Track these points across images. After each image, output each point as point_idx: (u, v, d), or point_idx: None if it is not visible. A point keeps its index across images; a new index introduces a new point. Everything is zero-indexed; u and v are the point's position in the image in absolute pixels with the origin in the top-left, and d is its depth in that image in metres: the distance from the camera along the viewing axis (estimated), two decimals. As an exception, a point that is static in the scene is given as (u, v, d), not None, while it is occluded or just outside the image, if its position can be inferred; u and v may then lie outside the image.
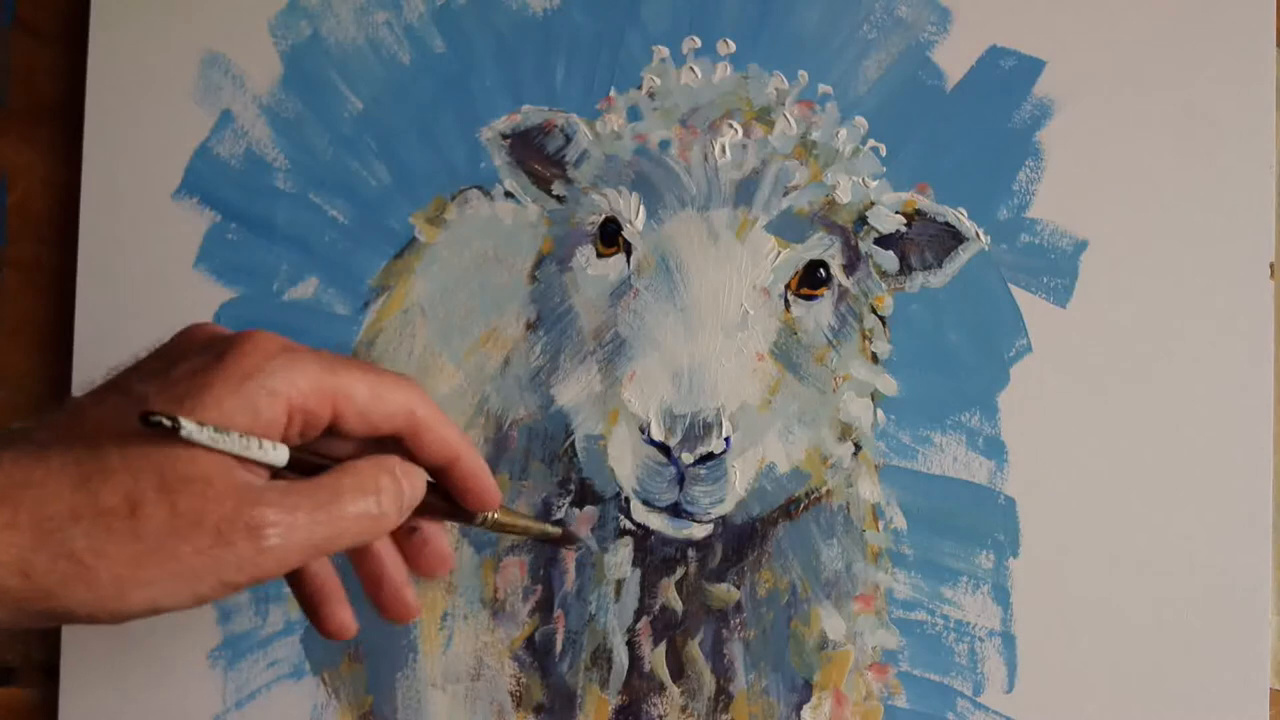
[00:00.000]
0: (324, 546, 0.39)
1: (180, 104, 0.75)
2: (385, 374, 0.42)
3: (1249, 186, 0.64)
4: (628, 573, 0.68)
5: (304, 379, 0.39)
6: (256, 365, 0.38)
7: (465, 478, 0.44)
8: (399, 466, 0.41)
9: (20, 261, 0.80)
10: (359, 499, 0.39)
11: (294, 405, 0.39)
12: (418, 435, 0.42)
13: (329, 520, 0.38)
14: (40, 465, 0.36)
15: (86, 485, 0.35)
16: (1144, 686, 0.63)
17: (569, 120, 0.70)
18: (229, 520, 0.36)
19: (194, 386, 0.37)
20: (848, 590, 0.67)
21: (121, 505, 0.35)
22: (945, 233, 0.67)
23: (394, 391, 0.41)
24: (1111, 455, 0.64)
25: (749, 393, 0.66)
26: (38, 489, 0.35)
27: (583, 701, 0.69)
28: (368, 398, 0.40)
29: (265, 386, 0.38)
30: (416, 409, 0.42)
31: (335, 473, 0.39)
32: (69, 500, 0.35)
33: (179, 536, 0.35)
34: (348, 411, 0.40)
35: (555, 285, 0.70)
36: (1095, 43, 0.66)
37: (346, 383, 0.40)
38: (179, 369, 0.39)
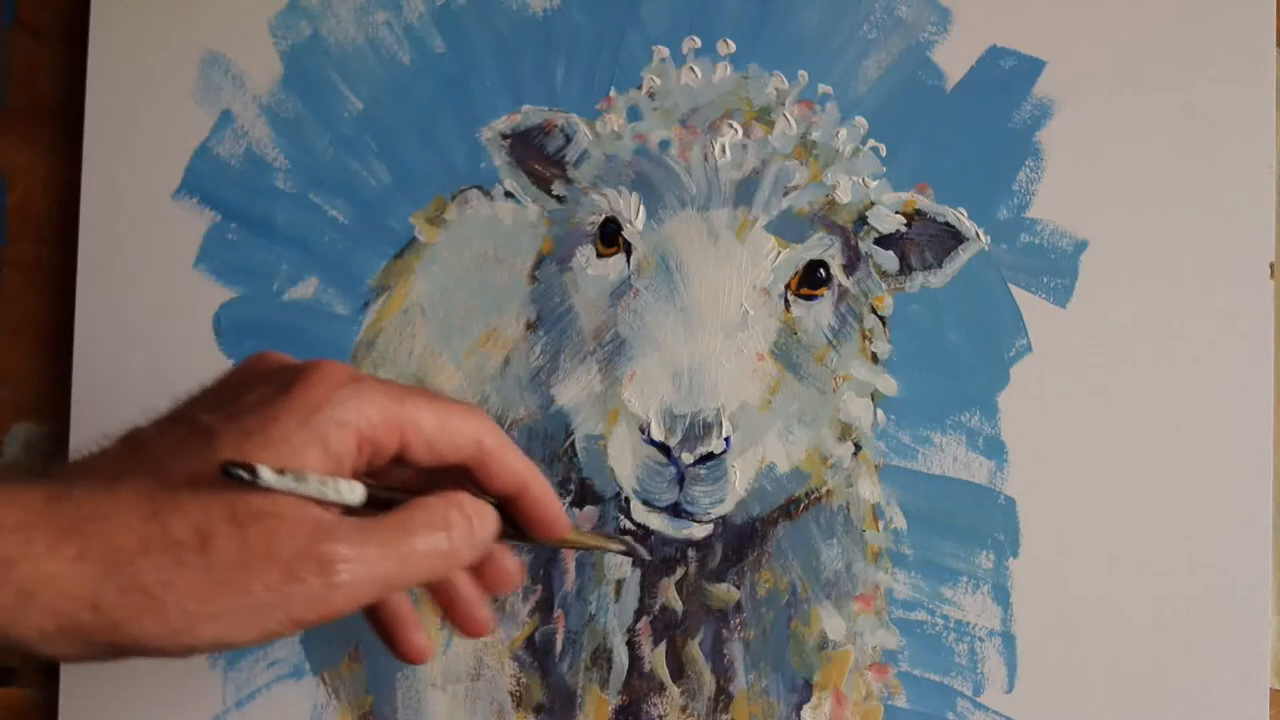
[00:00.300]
0: (395, 583, 0.38)
1: (180, 104, 0.75)
2: (452, 404, 0.42)
3: (1249, 186, 0.64)
4: (628, 573, 0.68)
5: (372, 409, 0.38)
6: (324, 396, 0.38)
7: (533, 507, 0.44)
8: (469, 504, 0.41)
9: (20, 261, 0.80)
10: (430, 535, 0.39)
11: (363, 436, 0.38)
12: (486, 466, 0.42)
13: (400, 556, 0.38)
14: (109, 497, 0.35)
15: (156, 517, 0.35)
16: (1144, 686, 0.63)
17: (569, 120, 0.70)
18: (300, 556, 0.35)
19: (262, 419, 0.37)
20: (848, 590, 0.67)
21: (192, 538, 0.35)
22: (945, 233, 0.67)
23: (461, 422, 0.41)
24: (1111, 455, 0.64)
25: (749, 393, 0.66)
26: (107, 521, 0.35)
27: (583, 701, 0.69)
28: (435, 428, 0.40)
29: (334, 418, 0.37)
30: (484, 439, 0.42)
31: (407, 508, 0.39)
32: (139, 532, 0.35)
33: (250, 571, 0.35)
34: (415, 442, 0.40)
35: (555, 285, 0.70)
36: (1095, 43, 0.66)
37: (414, 413, 0.40)
38: (245, 400, 0.38)
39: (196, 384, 0.76)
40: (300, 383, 0.38)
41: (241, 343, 0.74)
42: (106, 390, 0.75)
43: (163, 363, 0.75)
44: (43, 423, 0.79)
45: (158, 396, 0.75)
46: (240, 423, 0.37)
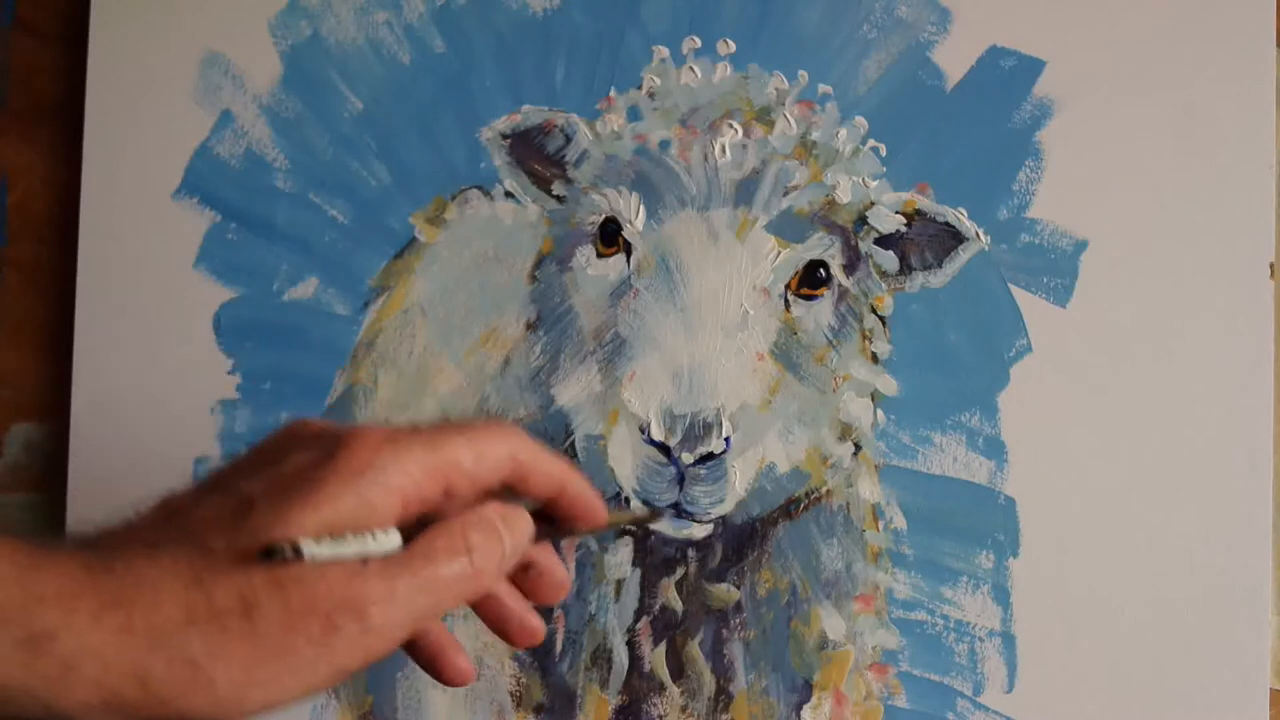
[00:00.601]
0: (428, 614, 0.38)
1: (180, 104, 0.75)
2: (481, 428, 0.42)
3: (1249, 186, 0.64)
4: (628, 573, 0.68)
5: (414, 466, 0.39)
6: (366, 461, 0.38)
7: (573, 504, 0.44)
8: (496, 515, 0.40)
9: (20, 261, 0.80)
10: (451, 560, 0.38)
11: (409, 495, 0.38)
12: (524, 478, 0.42)
13: (427, 587, 0.38)
14: (152, 565, 0.35)
15: (200, 586, 0.35)
16: (1144, 686, 0.63)
17: (569, 120, 0.70)
18: (337, 606, 0.35)
19: (304, 484, 0.37)
20: (848, 590, 0.67)
21: (236, 605, 0.35)
22: (945, 233, 0.67)
23: (495, 443, 0.41)
24: (1111, 455, 0.64)
25: (749, 393, 0.66)
26: (151, 591, 0.34)
27: (583, 701, 0.69)
28: (473, 461, 0.40)
29: (378, 481, 0.38)
30: (519, 454, 0.42)
31: (427, 536, 0.39)
32: (184, 601, 0.34)
33: (294, 631, 0.35)
34: (459, 480, 0.40)
35: (555, 285, 0.70)
36: (1095, 43, 0.66)
37: (452, 455, 0.40)
38: (285, 467, 0.38)
39: (196, 384, 0.76)
40: (342, 449, 0.38)
41: (241, 343, 0.74)
42: (106, 390, 0.75)
43: (163, 363, 0.75)
44: (43, 423, 0.79)
45: (158, 396, 0.75)
46: (281, 490, 0.37)
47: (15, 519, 0.79)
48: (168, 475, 0.75)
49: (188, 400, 0.74)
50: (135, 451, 0.75)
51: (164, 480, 0.77)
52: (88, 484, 0.75)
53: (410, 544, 0.38)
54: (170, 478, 0.76)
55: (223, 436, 0.74)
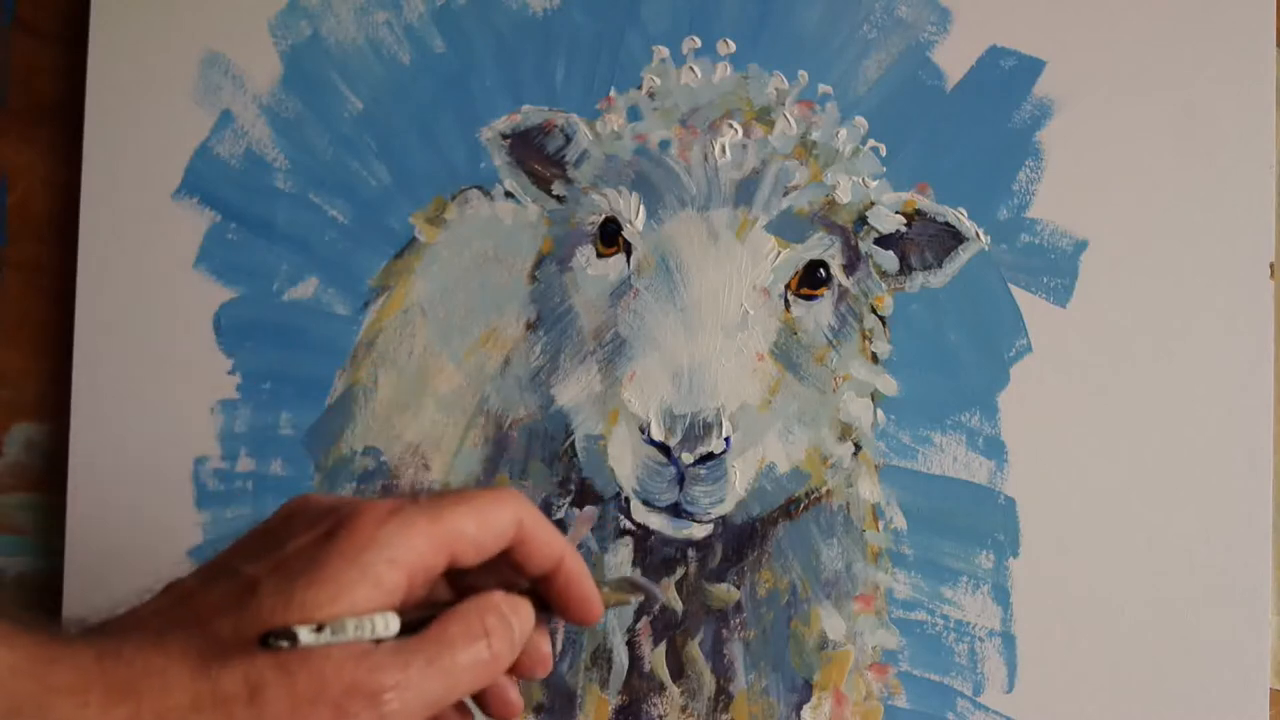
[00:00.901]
0: (443, 699, 0.38)
1: (180, 104, 0.75)
2: (484, 496, 0.41)
3: (1249, 186, 0.64)
4: (628, 573, 0.68)
5: (419, 538, 0.38)
6: (370, 537, 0.38)
7: (568, 582, 0.44)
8: (504, 603, 0.41)
9: (20, 261, 0.80)
10: (469, 646, 0.39)
11: (414, 568, 0.38)
12: (525, 544, 0.42)
13: (444, 673, 0.38)
14: (160, 653, 0.35)
15: (206, 672, 0.35)
16: (1144, 686, 0.63)
17: (569, 120, 0.70)
18: (348, 692, 0.35)
19: (309, 563, 0.37)
20: (848, 590, 0.67)
21: (243, 692, 0.35)
22: (945, 233, 0.67)
23: (499, 510, 0.41)
24: (1111, 455, 0.64)
25: (749, 393, 0.66)
26: (159, 678, 0.35)
27: (583, 701, 0.69)
28: (477, 530, 0.40)
29: (383, 556, 0.37)
30: (523, 520, 0.42)
31: (441, 622, 0.39)
32: (190, 689, 0.35)
33: (301, 716, 0.35)
34: (464, 550, 0.40)
35: (555, 285, 0.70)
36: (1095, 43, 0.66)
37: (457, 525, 0.40)
38: (289, 548, 0.38)
39: (196, 384, 0.76)
40: (345, 527, 0.38)
41: (241, 343, 0.74)
42: (106, 390, 0.75)
43: (163, 363, 0.75)
44: (43, 423, 0.79)
45: (158, 396, 0.75)
46: (285, 571, 0.37)
47: (15, 519, 0.79)
48: (168, 475, 0.76)
49: (188, 400, 0.74)
50: (135, 451, 0.75)
51: (164, 480, 0.77)
52: (88, 484, 0.75)
53: (425, 629, 0.38)
54: (170, 478, 0.77)
55: (223, 436, 0.74)
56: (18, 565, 0.79)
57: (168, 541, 0.73)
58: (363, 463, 0.73)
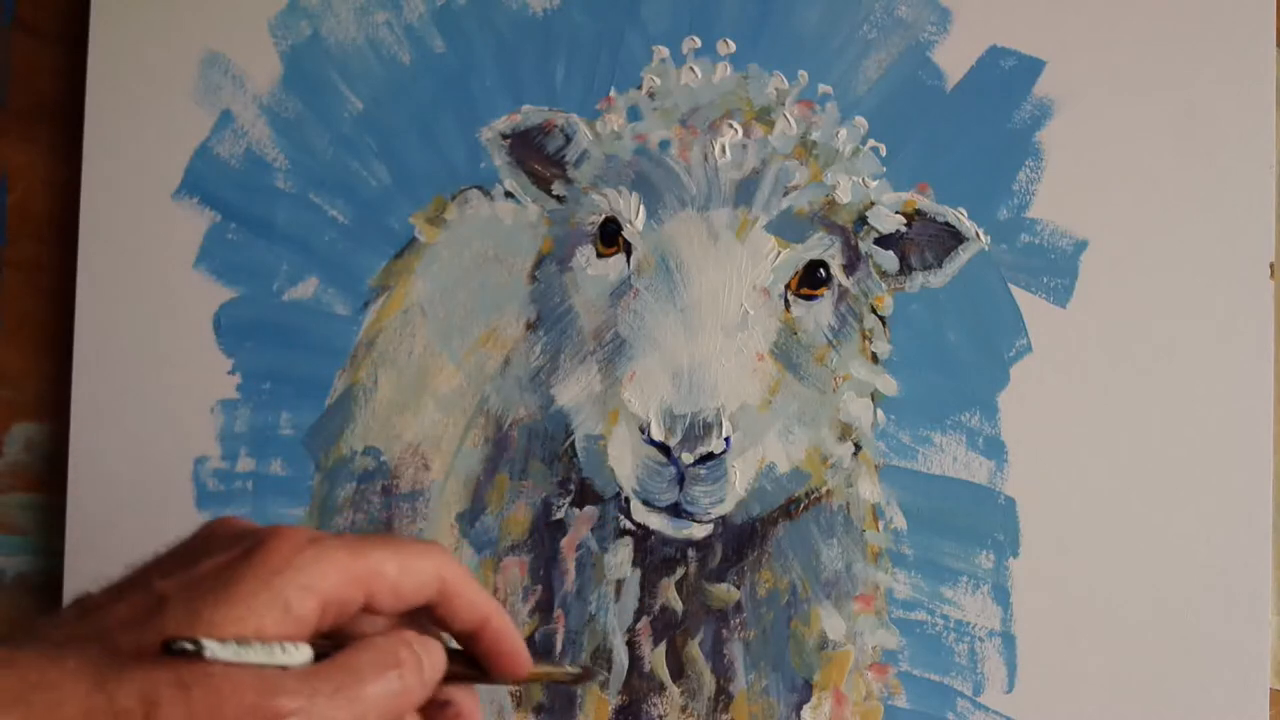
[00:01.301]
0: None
1: (180, 104, 0.75)
2: (410, 544, 0.41)
3: (1249, 186, 0.64)
4: (628, 573, 0.68)
5: (334, 569, 0.38)
6: (285, 561, 0.37)
7: (496, 640, 0.43)
8: (415, 640, 0.40)
9: (20, 261, 0.80)
10: (379, 676, 0.38)
11: (327, 599, 0.38)
12: (449, 601, 0.41)
13: (350, 702, 0.37)
14: (55, 666, 0.34)
15: (103, 687, 0.34)
16: (1144, 686, 0.63)
17: (569, 120, 0.70)
18: (249, 713, 0.34)
19: (220, 583, 0.36)
20: (848, 590, 0.67)
21: (138, 707, 0.34)
22: (945, 233, 0.67)
23: (422, 561, 0.40)
24: (1111, 455, 0.64)
25: (749, 393, 0.66)
26: (52, 690, 0.34)
27: (583, 701, 0.69)
28: (397, 573, 0.39)
29: (296, 582, 0.37)
30: (446, 574, 0.41)
31: (353, 650, 0.38)
32: (84, 703, 0.34)
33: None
34: (381, 590, 0.39)
35: (555, 285, 0.70)
36: (1095, 43, 0.66)
37: (376, 563, 0.39)
38: (203, 566, 0.37)
39: (196, 384, 0.76)
40: (260, 548, 0.37)
41: (241, 343, 0.74)
42: (106, 390, 0.75)
43: (163, 363, 0.75)
44: (43, 423, 0.79)
45: (158, 396, 0.75)
46: (195, 588, 0.36)
47: (15, 519, 0.79)
48: (168, 475, 0.76)
49: (188, 400, 0.74)
50: (135, 451, 0.75)
51: (164, 480, 0.77)
52: (88, 484, 0.75)
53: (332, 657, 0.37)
54: (170, 478, 0.77)
55: (223, 436, 0.74)
56: (18, 565, 0.79)
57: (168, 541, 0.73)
58: (363, 463, 0.73)
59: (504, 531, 0.70)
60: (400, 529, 0.72)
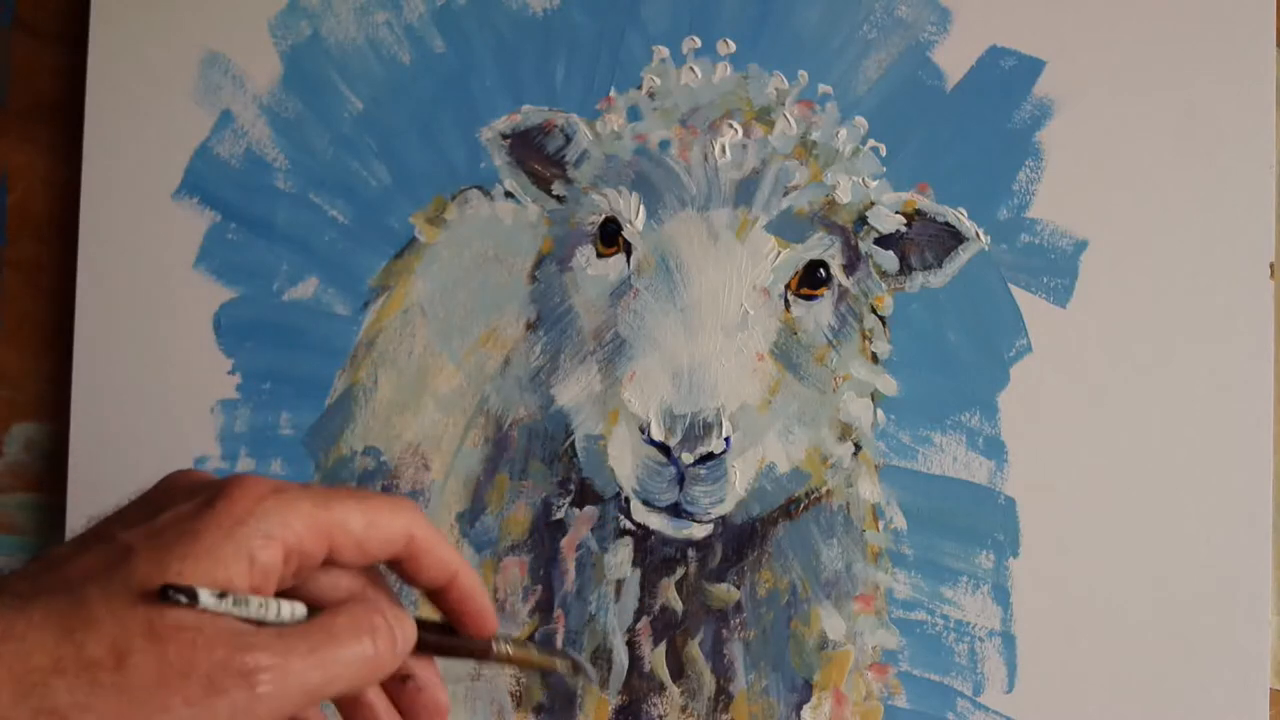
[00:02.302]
0: (320, 691, 0.37)
1: (180, 104, 0.75)
2: (379, 499, 0.41)
3: (1249, 186, 0.64)
4: (628, 573, 0.68)
5: (297, 519, 0.38)
6: (248, 510, 0.37)
7: (462, 598, 0.43)
8: (388, 611, 0.40)
9: (20, 261, 0.80)
10: (354, 641, 0.38)
11: (289, 547, 0.37)
12: (416, 558, 0.41)
13: (323, 664, 0.37)
14: (21, 617, 0.34)
15: (71, 637, 0.34)
16: (1144, 686, 0.63)
17: (569, 120, 0.70)
18: (220, 668, 0.34)
19: (184, 533, 0.36)
20: (848, 590, 0.67)
21: (107, 657, 0.33)
22: (945, 233, 0.67)
23: (390, 516, 0.40)
24: (1111, 455, 0.64)
25: (749, 393, 0.66)
26: (18, 642, 0.33)
27: (583, 701, 0.69)
28: (363, 526, 0.39)
29: (259, 530, 0.37)
30: (415, 531, 0.41)
31: (328, 614, 0.38)
32: (52, 653, 0.33)
33: (169, 688, 0.34)
34: (345, 544, 0.39)
35: (555, 285, 0.70)
36: (1095, 43, 0.66)
37: (341, 515, 0.39)
38: (165, 516, 0.37)
39: (196, 384, 0.76)
40: (223, 497, 0.37)
41: (241, 343, 0.74)
42: (106, 390, 0.75)
43: (163, 363, 0.75)
44: (43, 423, 0.79)
45: (158, 396, 0.75)
46: (160, 539, 0.36)
47: (15, 519, 0.79)
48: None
49: (188, 400, 0.74)
50: (135, 451, 0.75)
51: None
52: (88, 484, 0.75)
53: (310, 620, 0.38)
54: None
55: (223, 436, 0.74)
56: (18, 565, 0.79)
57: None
58: (363, 463, 0.73)
59: (504, 531, 0.70)
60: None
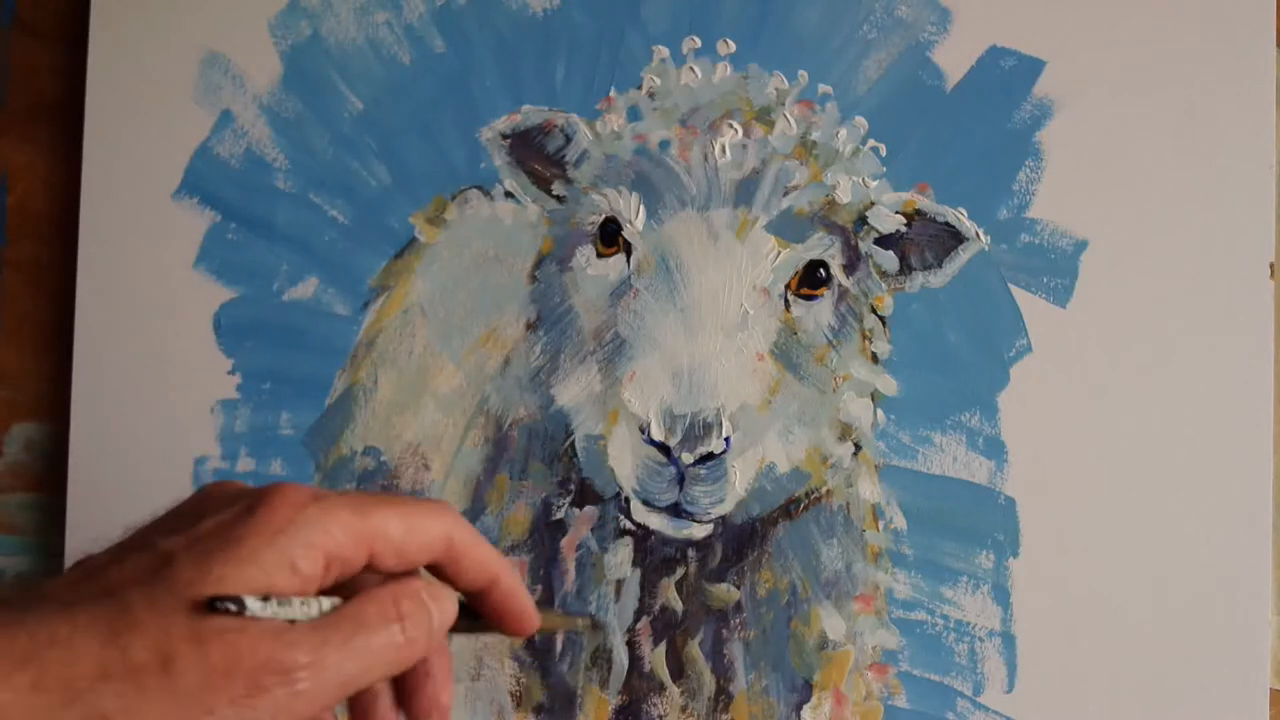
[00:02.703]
0: (356, 681, 0.37)
1: (180, 104, 0.75)
2: (418, 504, 0.41)
3: (1249, 186, 0.64)
4: (628, 573, 0.68)
5: (338, 527, 0.38)
6: (288, 518, 0.37)
7: (504, 599, 0.43)
8: (425, 590, 0.40)
9: (20, 261, 0.80)
10: (383, 629, 0.38)
11: (330, 555, 0.38)
12: (456, 561, 0.41)
13: (356, 654, 0.37)
14: (66, 623, 0.34)
15: (116, 641, 0.34)
16: (1144, 686, 0.63)
17: (569, 120, 0.70)
18: (263, 667, 0.35)
19: (226, 541, 0.36)
20: (848, 590, 0.67)
21: (153, 661, 0.34)
22: (945, 233, 0.67)
23: (430, 520, 0.40)
24: (1111, 455, 0.64)
25: (749, 393, 0.66)
26: (64, 648, 0.33)
27: (583, 701, 0.69)
28: (403, 532, 0.39)
29: (300, 539, 0.37)
30: (454, 534, 0.41)
31: (357, 602, 0.38)
32: (98, 657, 0.34)
33: (214, 690, 0.34)
34: (384, 550, 0.39)
35: (555, 285, 0.70)
36: (1095, 43, 0.66)
37: (380, 522, 0.39)
38: (206, 524, 0.37)
39: (196, 384, 0.76)
40: (264, 505, 0.37)
41: (241, 342, 0.74)
42: (106, 390, 0.75)
43: (163, 363, 0.75)
44: (43, 423, 0.79)
45: (158, 396, 0.75)
46: (202, 545, 0.36)
47: (15, 519, 0.79)
48: (168, 475, 0.76)
49: (188, 400, 0.74)
50: (135, 451, 0.75)
51: (164, 480, 0.77)
52: (88, 484, 0.75)
53: (340, 610, 0.38)
54: (170, 478, 0.77)
55: (223, 436, 0.74)
56: (18, 565, 0.79)
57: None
58: (363, 463, 0.73)
59: (504, 531, 0.70)
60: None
